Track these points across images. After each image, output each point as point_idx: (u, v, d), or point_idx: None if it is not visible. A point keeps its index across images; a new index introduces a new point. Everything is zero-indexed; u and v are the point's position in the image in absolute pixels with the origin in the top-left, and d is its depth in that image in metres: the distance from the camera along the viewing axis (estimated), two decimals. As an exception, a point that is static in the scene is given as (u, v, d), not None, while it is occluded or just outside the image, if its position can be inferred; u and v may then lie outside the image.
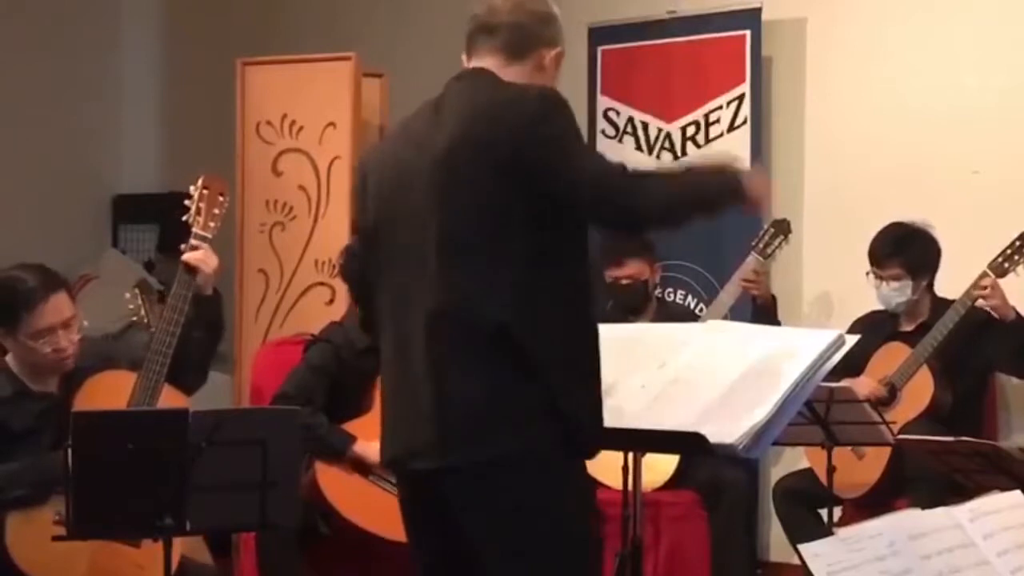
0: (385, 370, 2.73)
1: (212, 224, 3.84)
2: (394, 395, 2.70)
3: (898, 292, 4.59)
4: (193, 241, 3.80)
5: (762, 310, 4.82)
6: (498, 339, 2.52)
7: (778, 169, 5.38)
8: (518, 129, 2.54)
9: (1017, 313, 4.41)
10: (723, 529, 4.57)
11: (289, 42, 6.14)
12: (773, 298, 4.87)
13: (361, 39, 5.75)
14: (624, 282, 4.82)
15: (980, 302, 4.38)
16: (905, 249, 4.58)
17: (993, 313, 4.38)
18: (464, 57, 2.76)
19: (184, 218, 3.83)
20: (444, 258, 2.56)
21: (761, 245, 4.81)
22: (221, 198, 3.86)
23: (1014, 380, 4.73)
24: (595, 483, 4.54)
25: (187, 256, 3.77)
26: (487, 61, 2.71)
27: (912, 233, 4.61)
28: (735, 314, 4.72)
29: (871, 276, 4.62)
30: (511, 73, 2.69)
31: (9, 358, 3.73)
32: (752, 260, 4.80)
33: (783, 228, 4.83)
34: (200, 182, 3.86)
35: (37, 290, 3.63)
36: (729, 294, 4.82)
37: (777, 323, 4.83)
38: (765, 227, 4.87)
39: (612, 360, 2.86)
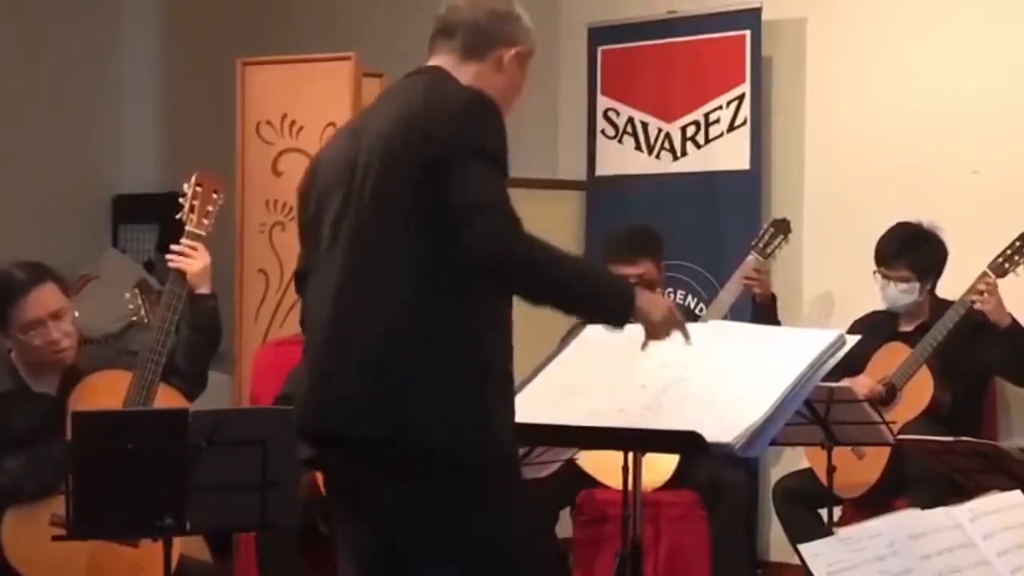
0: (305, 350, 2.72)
1: (206, 221, 3.84)
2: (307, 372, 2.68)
3: (905, 293, 4.57)
4: (181, 243, 3.80)
5: (762, 309, 4.82)
6: (388, 342, 2.51)
7: (778, 169, 5.39)
8: (429, 132, 2.52)
9: (1013, 320, 4.40)
10: (723, 529, 4.56)
11: (289, 42, 6.14)
12: (773, 296, 4.86)
13: (361, 39, 5.74)
14: (632, 280, 4.80)
15: (977, 305, 4.37)
16: (914, 250, 4.56)
17: (988, 316, 4.38)
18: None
19: (178, 216, 3.84)
20: (350, 255, 2.57)
21: (761, 245, 4.81)
22: (215, 195, 3.86)
23: (1014, 381, 4.73)
24: (591, 482, 4.55)
25: (171, 260, 3.77)
26: (442, 60, 2.70)
27: (920, 235, 4.59)
28: (735, 314, 4.73)
29: (878, 276, 4.60)
30: (466, 72, 2.67)
31: (13, 356, 3.74)
32: (752, 260, 4.80)
33: (783, 228, 4.83)
34: (193, 179, 3.86)
35: (20, 284, 3.64)
36: (729, 294, 4.82)
37: (777, 322, 4.83)
38: (765, 227, 4.88)
39: (613, 360, 2.87)
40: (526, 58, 2.75)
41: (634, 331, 2.65)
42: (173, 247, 3.81)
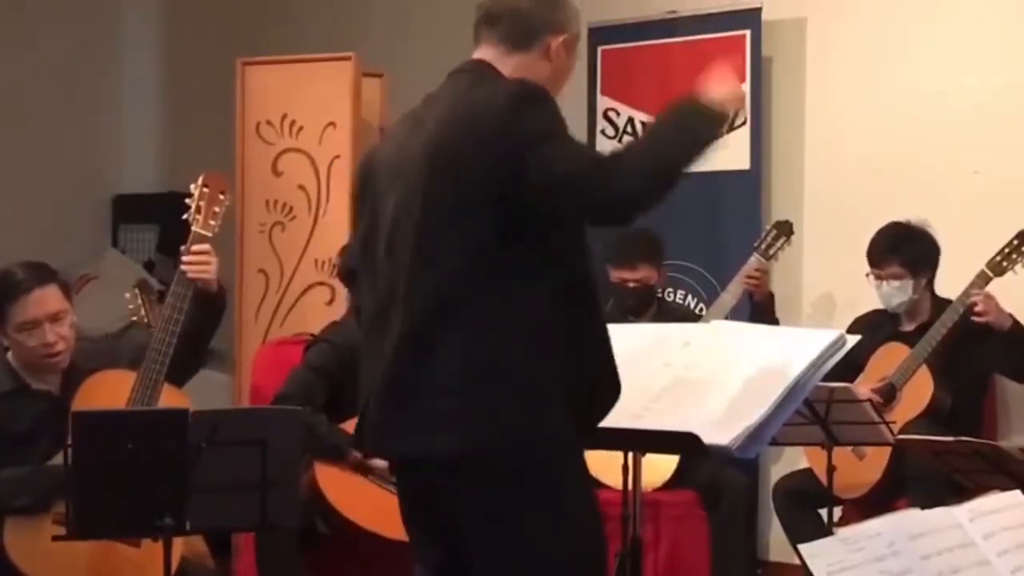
0: (363, 364, 2.66)
1: (212, 222, 3.83)
2: (368, 390, 2.61)
3: (898, 291, 4.58)
4: (191, 248, 3.78)
5: (760, 307, 4.82)
6: (468, 355, 2.45)
7: (778, 169, 5.39)
8: (487, 140, 2.45)
9: (1015, 320, 4.39)
10: (723, 529, 4.57)
11: (289, 42, 6.14)
12: (771, 295, 4.87)
13: (361, 39, 5.75)
14: (632, 285, 4.79)
15: (978, 318, 4.36)
16: (903, 248, 4.57)
17: (990, 325, 4.37)
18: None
19: (184, 216, 3.83)
20: (419, 267, 2.49)
21: (763, 247, 4.81)
22: (222, 196, 3.86)
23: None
24: (594, 482, 4.55)
25: (186, 269, 3.74)
26: (486, 52, 2.63)
27: (910, 232, 4.61)
28: (735, 313, 4.73)
29: (871, 277, 4.62)
30: (512, 63, 2.60)
31: (10, 355, 3.74)
32: (754, 261, 4.80)
33: (785, 229, 4.83)
34: (200, 180, 3.85)
35: (22, 282, 3.64)
36: (731, 295, 4.82)
37: (775, 320, 4.84)
38: (767, 228, 4.88)
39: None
40: (574, 43, 2.68)
41: (635, 332, 2.65)
42: (185, 256, 3.77)
